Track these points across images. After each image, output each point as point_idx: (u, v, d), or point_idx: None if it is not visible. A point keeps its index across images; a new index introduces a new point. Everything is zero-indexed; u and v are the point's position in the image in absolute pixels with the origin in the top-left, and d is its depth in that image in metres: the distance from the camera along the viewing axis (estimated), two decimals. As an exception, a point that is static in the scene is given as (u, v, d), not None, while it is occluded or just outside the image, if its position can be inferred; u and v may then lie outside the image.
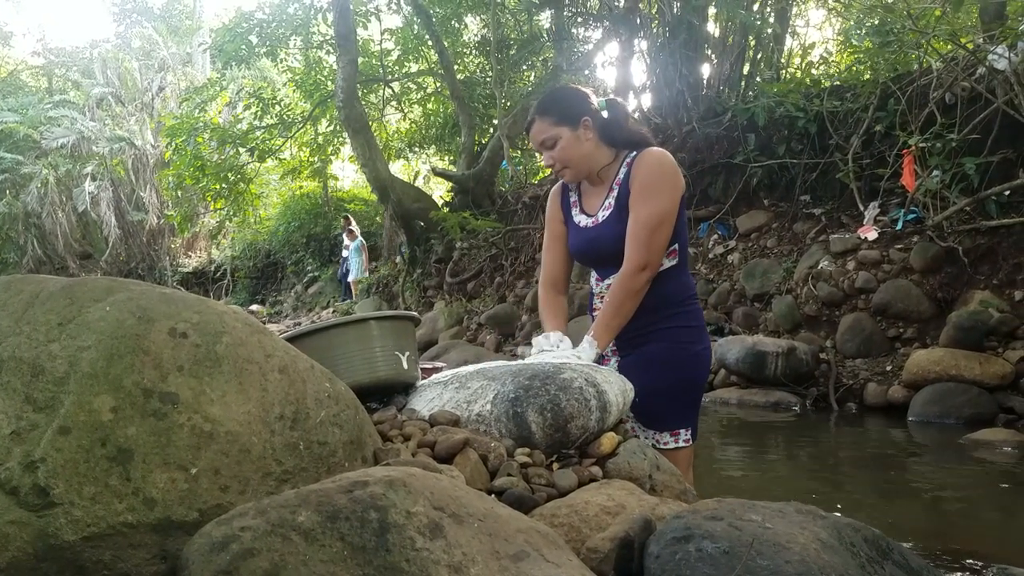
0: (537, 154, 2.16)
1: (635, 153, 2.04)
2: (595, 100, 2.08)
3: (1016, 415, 5.08)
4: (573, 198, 2.18)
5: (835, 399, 5.92)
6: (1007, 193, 6.11)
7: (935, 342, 5.82)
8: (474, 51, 15.77)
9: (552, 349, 1.93)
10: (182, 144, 14.48)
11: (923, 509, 3.50)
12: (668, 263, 2.02)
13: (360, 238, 14.76)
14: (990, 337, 5.53)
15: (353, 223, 15.37)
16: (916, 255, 6.30)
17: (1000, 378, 5.23)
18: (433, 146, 17.57)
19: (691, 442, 2.04)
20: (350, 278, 14.89)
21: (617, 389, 1.76)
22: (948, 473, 4.15)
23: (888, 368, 5.99)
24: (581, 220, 2.13)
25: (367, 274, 14.85)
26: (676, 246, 2.02)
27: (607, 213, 2.05)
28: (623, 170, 2.04)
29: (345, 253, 15.45)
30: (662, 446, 2.01)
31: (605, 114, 2.06)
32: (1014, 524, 3.21)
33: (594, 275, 2.21)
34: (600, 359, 2.14)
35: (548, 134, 2.03)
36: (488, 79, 14.31)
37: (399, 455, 1.44)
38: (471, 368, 1.96)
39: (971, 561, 2.69)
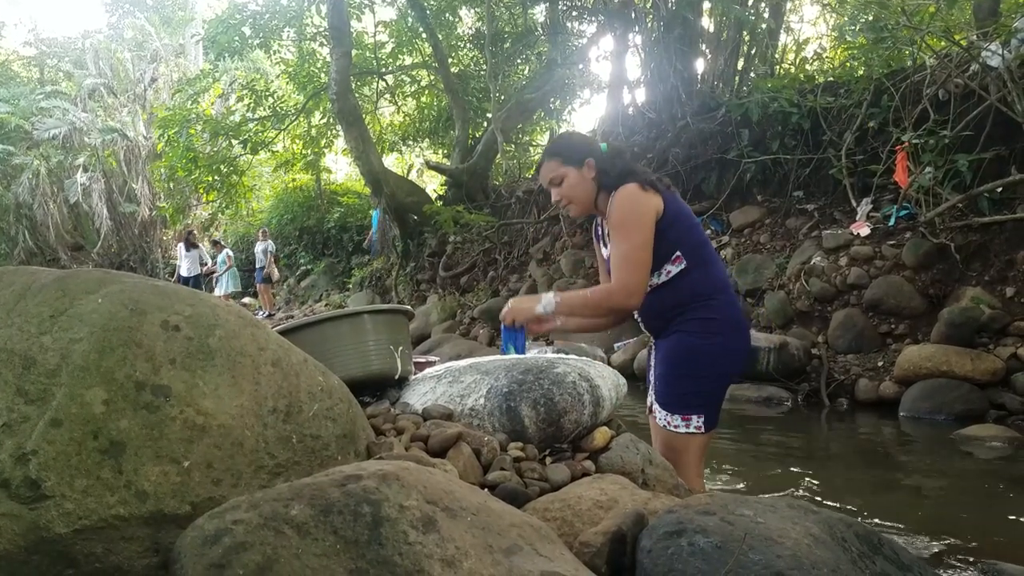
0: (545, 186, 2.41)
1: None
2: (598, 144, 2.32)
3: (1007, 411, 5.10)
4: (599, 231, 2.43)
5: (826, 394, 5.94)
6: (999, 190, 6.12)
7: (927, 338, 5.85)
8: (468, 44, 15.73)
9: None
10: (174, 136, 14.42)
11: (914, 504, 3.52)
12: (675, 269, 2.16)
13: (228, 250, 14.20)
14: (981, 334, 5.56)
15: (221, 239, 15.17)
16: (908, 251, 6.31)
17: (991, 374, 5.25)
18: (427, 139, 17.55)
19: (703, 430, 2.10)
20: (221, 292, 14.04)
21: (610, 384, 1.76)
22: (939, 469, 4.17)
23: (879, 364, 6.00)
24: (604, 252, 2.38)
25: (237, 288, 14.48)
26: (679, 253, 2.15)
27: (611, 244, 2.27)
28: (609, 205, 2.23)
29: (184, 266, 14.60)
30: (672, 429, 2.13)
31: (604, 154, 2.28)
32: (1004, 520, 3.22)
33: None
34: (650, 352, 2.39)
35: (556, 173, 2.26)
36: (482, 72, 14.29)
37: (392, 449, 1.43)
38: (464, 362, 1.97)
39: (961, 556, 2.71)
